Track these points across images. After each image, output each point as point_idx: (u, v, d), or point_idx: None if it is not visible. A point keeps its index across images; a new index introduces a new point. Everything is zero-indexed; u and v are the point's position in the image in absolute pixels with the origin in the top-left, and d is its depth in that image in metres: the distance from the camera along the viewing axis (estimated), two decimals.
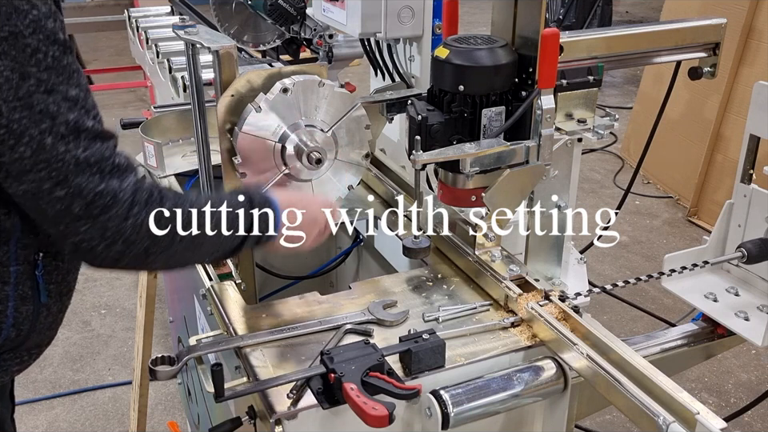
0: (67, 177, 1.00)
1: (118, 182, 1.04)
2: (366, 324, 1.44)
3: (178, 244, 1.13)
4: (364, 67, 2.40)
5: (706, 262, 1.65)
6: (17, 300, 1.16)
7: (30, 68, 0.96)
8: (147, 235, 1.08)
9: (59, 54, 1.00)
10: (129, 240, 1.06)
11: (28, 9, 0.96)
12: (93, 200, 1.02)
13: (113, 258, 1.08)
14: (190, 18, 2.93)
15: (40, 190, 1.00)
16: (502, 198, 1.50)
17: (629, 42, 1.64)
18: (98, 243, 1.05)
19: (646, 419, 1.16)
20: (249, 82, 1.55)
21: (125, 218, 1.04)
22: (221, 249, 1.23)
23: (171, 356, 1.28)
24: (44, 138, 0.98)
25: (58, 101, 0.99)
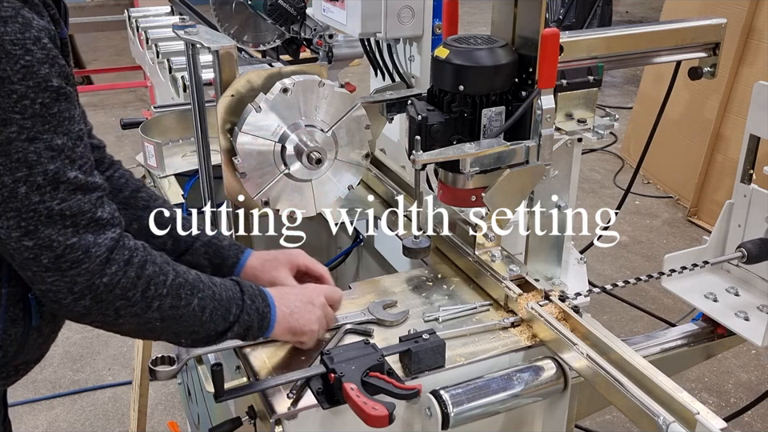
0: (37, 227, 0.98)
1: (93, 237, 1.02)
2: (366, 324, 1.44)
3: (153, 312, 1.10)
4: (364, 67, 2.40)
5: (706, 262, 1.65)
6: (6, 322, 1.14)
7: (13, 114, 0.94)
8: (120, 296, 1.05)
9: (49, 102, 0.97)
10: (98, 298, 1.03)
11: (20, 54, 0.94)
12: (62, 253, 0.99)
13: (79, 312, 1.05)
14: (190, 18, 2.93)
15: (9, 236, 0.98)
16: (502, 198, 1.50)
17: (629, 42, 1.64)
18: (64, 296, 1.02)
19: (646, 419, 1.16)
20: (249, 82, 1.55)
21: (97, 274, 1.02)
22: (202, 331, 1.19)
23: (171, 356, 1.28)
24: (17, 186, 0.96)
25: (40, 150, 0.96)
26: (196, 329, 1.17)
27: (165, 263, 1.12)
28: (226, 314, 1.19)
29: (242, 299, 1.22)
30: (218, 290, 1.19)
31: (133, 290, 1.06)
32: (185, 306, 1.13)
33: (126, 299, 1.05)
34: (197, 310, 1.14)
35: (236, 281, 1.25)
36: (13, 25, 0.94)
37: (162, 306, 1.10)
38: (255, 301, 1.24)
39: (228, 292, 1.20)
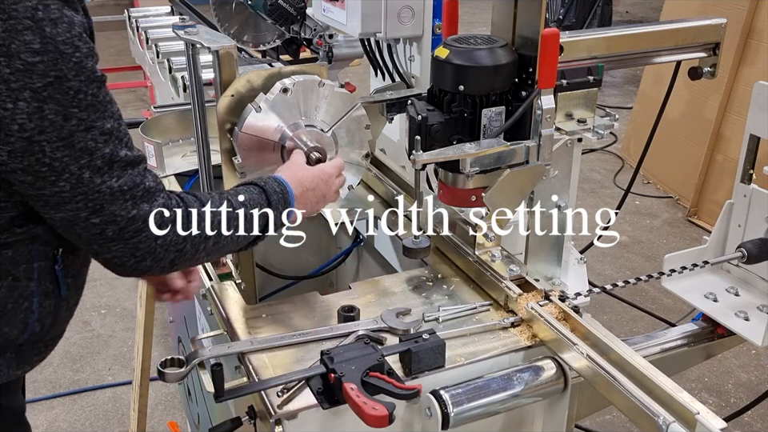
0: (103, 206, 1.07)
1: (148, 205, 1.11)
2: (378, 332, 1.42)
3: (201, 252, 1.21)
4: (364, 67, 2.40)
5: (706, 262, 1.65)
6: (41, 295, 1.21)
7: (72, 109, 1.02)
8: (174, 250, 1.16)
9: (97, 91, 1.05)
10: (157, 257, 1.14)
11: (71, 52, 1.01)
12: (125, 225, 1.09)
13: (141, 270, 1.15)
14: (190, 18, 2.93)
15: (77, 217, 1.07)
16: (502, 198, 1.50)
17: (629, 42, 1.64)
18: (128, 260, 1.12)
19: (646, 419, 1.16)
20: (249, 82, 1.55)
21: (155, 239, 1.12)
22: (240, 243, 1.30)
23: (180, 358, 1.28)
24: (83, 172, 1.04)
25: (96, 136, 1.05)
26: (237, 246, 1.30)
27: (201, 207, 1.20)
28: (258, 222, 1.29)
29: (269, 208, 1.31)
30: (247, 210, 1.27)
31: (183, 242, 1.16)
32: (225, 238, 1.24)
33: (179, 251, 1.16)
34: (235, 237, 1.26)
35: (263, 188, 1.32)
36: (61, 25, 1.01)
37: (207, 246, 1.21)
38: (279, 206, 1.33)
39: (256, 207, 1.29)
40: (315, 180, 1.42)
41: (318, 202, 1.43)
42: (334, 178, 1.47)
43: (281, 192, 1.33)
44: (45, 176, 1.02)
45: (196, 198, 1.21)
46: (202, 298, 1.67)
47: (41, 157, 1.01)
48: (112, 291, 3.95)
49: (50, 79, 0.99)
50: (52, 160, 1.02)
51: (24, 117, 0.98)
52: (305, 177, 1.41)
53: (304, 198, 1.39)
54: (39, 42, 0.98)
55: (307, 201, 1.40)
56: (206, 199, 1.22)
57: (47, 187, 1.04)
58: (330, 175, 1.46)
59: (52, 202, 1.05)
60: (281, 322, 1.47)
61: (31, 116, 0.99)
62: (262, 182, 1.33)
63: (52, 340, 1.31)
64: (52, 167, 1.02)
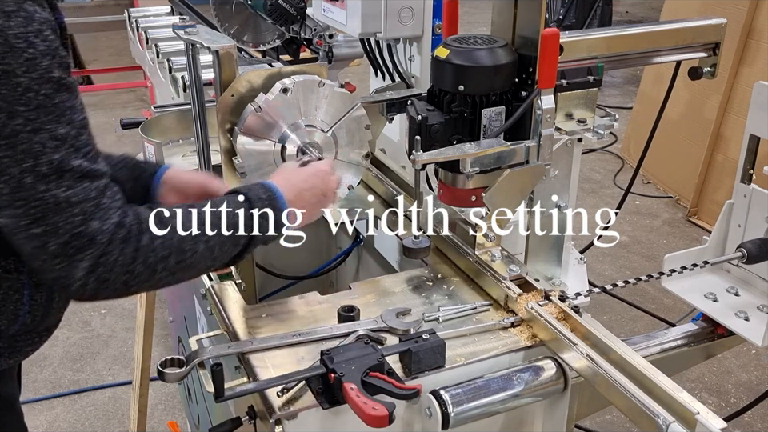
0: (45, 215, 1.00)
1: (99, 223, 1.04)
2: (378, 332, 1.41)
3: (161, 273, 1.12)
4: (364, 67, 2.40)
5: (706, 262, 1.65)
6: (32, 287, 1.19)
7: (18, 107, 0.97)
8: (123, 272, 1.07)
9: (52, 92, 1.00)
10: (102, 278, 1.06)
11: (24, 47, 0.97)
12: (69, 240, 1.02)
13: (88, 294, 1.08)
14: (190, 18, 2.93)
15: (17, 225, 1.01)
16: (502, 198, 1.50)
17: (629, 42, 1.64)
18: (72, 282, 1.05)
19: (646, 419, 1.16)
20: (249, 82, 1.55)
21: (98, 257, 1.04)
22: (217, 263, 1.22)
23: (180, 358, 1.27)
24: (24, 176, 0.99)
25: (44, 140, 0.99)
26: (210, 265, 1.21)
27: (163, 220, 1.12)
28: (237, 239, 1.21)
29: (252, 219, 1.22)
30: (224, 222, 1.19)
31: (133, 263, 1.07)
32: (191, 255, 1.15)
33: (131, 273, 1.08)
34: (204, 253, 1.17)
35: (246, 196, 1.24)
36: (16, 19, 0.97)
37: (167, 266, 1.12)
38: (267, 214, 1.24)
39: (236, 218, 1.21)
40: (310, 179, 1.37)
41: (318, 201, 1.37)
42: (329, 174, 1.41)
43: (267, 198, 1.26)
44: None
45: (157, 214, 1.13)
46: (202, 298, 1.67)
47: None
48: None
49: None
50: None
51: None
52: (298, 178, 1.36)
53: (302, 199, 1.33)
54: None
55: (306, 201, 1.34)
56: (171, 213, 1.14)
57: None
58: (325, 172, 1.40)
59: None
60: (281, 322, 1.47)
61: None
62: (245, 189, 1.26)
63: (46, 330, 1.30)
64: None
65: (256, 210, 1.23)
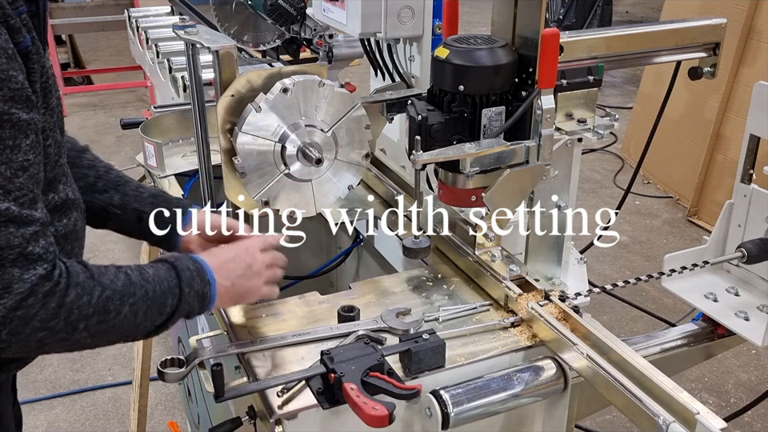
0: None
1: (19, 272, 0.97)
2: (378, 332, 1.42)
3: (81, 333, 1.06)
4: (364, 67, 2.40)
5: (706, 262, 1.65)
6: None
7: None
8: (41, 327, 1.01)
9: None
10: (16, 331, 0.99)
11: None
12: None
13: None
14: (190, 18, 2.93)
15: None
16: (501, 197, 1.50)
17: (629, 42, 1.64)
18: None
19: (646, 419, 1.16)
20: (249, 82, 1.55)
21: (14, 308, 0.97)
22: (138, 332, 1.16)
23: (180, 358, 1.27)
24: None
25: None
26: (131, 331, 1.14)
27: (89, 279, 1.06)
28: (162, 307, 1.16)
29: (180, 288, 1.17)
30: (151, 286, 1.14)
31: (54, 319, 1.01)
32: (114, 317, 1.09)
33: (49, 329, 1.01)
34: (128, 317, 1.11)
35: (172, 264, 1.19)
36: None
37: (88, 325, 1.05)
38: (194, 284, 1.20)
39: (163, 284, 1.16)
40: (233, 251, 1.31)
41: (243, 275, 1.29)
42: (256, 249, 1.34)
43: (195, 269, 1.20)
44: None
45: (86, 270, 1.07)
46: None
47: None
48: None
49: None
50: None
51: None
52: (221, 251, 1.31)
53: (224, 270, 1.25)
54: None
55: (228, 272, 1.26)
56: (100, 272, 1.08)
57: None
58: (249, 246, 1.34)
59: None
60: (281, 322, 1.47)
61: None
62: (172, 259, 1.21)
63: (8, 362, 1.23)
64: None
65: (184, 280, 1.18)
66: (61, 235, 1.20)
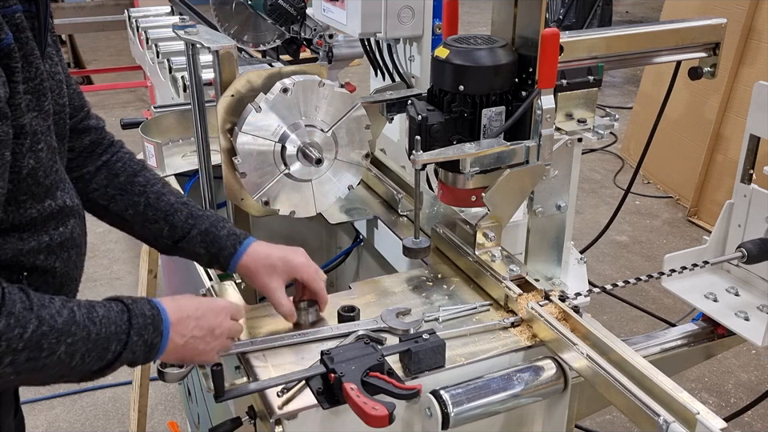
0: None
1: None
2: (378, 332, 1.41)
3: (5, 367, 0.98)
4: (364, 67, 2.40)
5: (706, 262, 1.65)
6: None
7: None
8: None
9: None
10: None
11: None
12: None
13: None
14: (190, 18, 2.93)
15: None
16: (502, 197, 1.50)
17: (629, 42, 1.65)
18: None
19: (646, 419, 1.16)
20: (249, 82, 1.55)
21: None
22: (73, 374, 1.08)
23: None
24: None
25: None
26: (64, 373, 1.06)
27: (26, 311, 0.98)
28: (104, 352, 1.08)
29: (128, 334, 1.09)
30: (95, 328, 1.06)
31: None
32: (47, 356, 1.00)
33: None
34: (63, 357, 1.02)
35: (127, 307, 1.12)
36: None
37: (15, 360, 0.97)
38: (144, 333, 1.11)
39: (111, 327, 1.08)
40: (201, 308, 1.21)
41: (203, 337, 1.20)
42: (225, 313, 1.25)
43: (151, 316, 1.12)
44: None
45: (28, 300, 0.99)
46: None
47: None
48: (112, 291, 3.94)
49: None
50: None
51: None
52: (188, 304, 1.21)
53: (183, 326, 1.17)
54: None
55: (187, 330, 1.18)
56: (43, 303, 1.01)
57: None
58: (222, 308, 1.26)
59: None
60: (281, 322, 1.47)
61: None
62: (129, 301, 1.13)
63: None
64: None
65: (135, 327, 1.10)
66: (56, 243, 1.17)
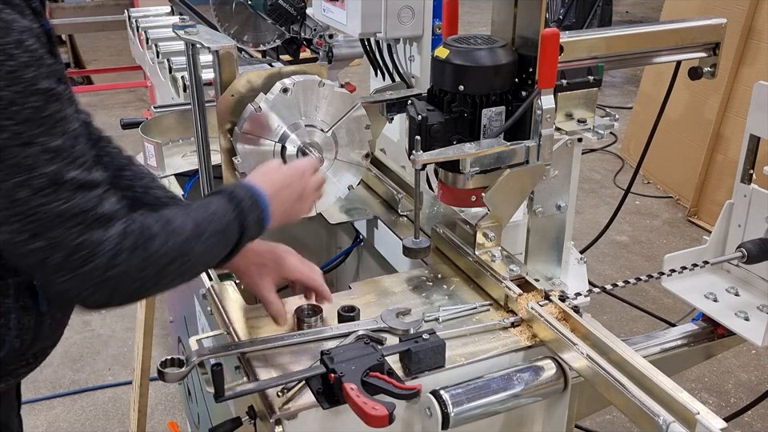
0: (44, 230, 0.98)
1: (102, 231, 1.02)
2: (378, 332, 1.41)
3: (167, 277, 1.12)
4: (364, 67, 2.40)
5: (706, 262, 1.65)
6: (19, 311, 1.17)
7: (4, 121, 0.94)
8: (133, 279, 1.06)
9: (41, 104, 0.96)
10: (112, 287, 1.04)
11: (2, 59, 0.93)
12: (72, 252, 0.99)
13: (99, 303, 1.07)
14: (190, 18, 2.93)
15: (14, 241, 0.99)
16: (502, 197, 1.50)
17: (629, 42, 1.65)
18: (79, 293, 1.03)
19: (646, 419, 1.16)
20: (249, 82, 1.55)
21: (107, 268, 1.02)
22: (213, 259, 1.22)
23: (180, 358, 1.27)
24: (16, 191, 0.96)
25: (36, 153, 0.96)
26: (207, 265, 1.24)
27: (163, 227, 1.10)
28: (228, 239, 1.21)
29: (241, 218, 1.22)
30: (217, 220, 1.18)
31: (144, 270, 1.06)
32: (191, 257, 1.14)
33: (140, 280, 1.07)
34: (203, 254, 1.17)
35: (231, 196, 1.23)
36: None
37: (171, 270, 1.11)
38: (252, 213, 1.24)
39: (226, 216, 1.20)
40: (288, 177, 1.35)
41: (296, 200, 1.35)
42: (308, 174, 1.38)
43: (250, 197, 1.24)
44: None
45: (160, 218, 1.12)
46: (202, 298, 1.67)
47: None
48: None
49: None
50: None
51: None
52: (276, 176, 1.34)
53: (279, 198, 1.30)
54: None
55: (283, 199, 1.32)
56: (171, 217, 1.13)
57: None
58: (303, 171, 1.38)
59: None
60: None
61: None
62: (230, 190, 1.25)
63: (41, 351, 1.27)
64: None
65: (245, 210, 1.22)
66: None
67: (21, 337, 1.19)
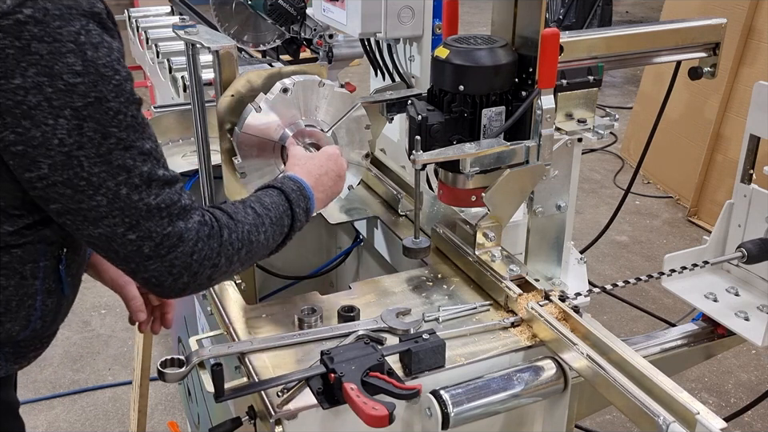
0: (139, 222, 1.10)
1: (184, 222, 1.14)
2: (378, 332, 1.41)
3: (235, 264, 1.23)
4: (364, 67, 2.40)
5: (706, 262, 1.65)
6: (44, 294, 1.23)
7: (111, 128, 1.07)
8: (210, 265, 1.18)
9: (136, 112, 1.10)
10: (193, 272, 1.16)
11: (111, 75, 1.06)
12: (161, 242, 1.12)
13: (180, 288, 1.18)
14: (190, 18, 2.93)
15: (115, 233, 1.10)
16: (502, 197, 1.50)
17: (629, 42, 1.65)
18: (165, 278, 1.15)
19: (646, 419, 1.16)
20: (249, 82, 1.55)
21: (190, 254, 1.15)
22: (270, 247, 1.33)
23: (180, 358, 1.28)
24: (120, 188, 1.08)
25: (134, 155, 1.09)
26: (265, 253, 1.33)
27: (231, 219, 1.23)
28: (282, 228, 1.33)
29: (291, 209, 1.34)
30: (272, 212, 1.31)
31: (218, 257, 1.19)
32: (255, 246, 1.26)
33: (215, 266, 1.19)
34: (264, 242, 1.29)
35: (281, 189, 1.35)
36: (102, 49, 1.05)
37: (240, 257, 1.23)
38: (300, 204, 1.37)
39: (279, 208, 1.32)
40: (324, 164, 1.47)
41: (335, 183, 1.48)
42: (336, 157, 1.50)
43: (298, 189, 1.37)
44: (83, 189, 1.07)
45: (224, 212, 1.24)
46: (202, 298, 1.67)
47: (79, 171, 1.06)
48: (112, 291, 3.94)
49: (90, 99, 1.04)
50: (90, 174, 1.06)
51: (64, 132, 1.03)
52: (313, 165, 1.46)
53: (320, 185, 1.43)
54: (81, 64, 1.03)
55: (324, 186, 1.45)
56: (233, 210, 1.26)
57: (85, 201, 1.08)
58: (335, 155, 1.50)
59: (90, 216, 1.09)
60: (281, 322, 1.47)
61: (71, 132, 1.04)
62: (278, 184, 1.37)
63: (49, 336, 1.34)
64: (90, 181, 1.06)
65: (294, 201, 1.35)
66: None
67: (43, 318, 1.25)
